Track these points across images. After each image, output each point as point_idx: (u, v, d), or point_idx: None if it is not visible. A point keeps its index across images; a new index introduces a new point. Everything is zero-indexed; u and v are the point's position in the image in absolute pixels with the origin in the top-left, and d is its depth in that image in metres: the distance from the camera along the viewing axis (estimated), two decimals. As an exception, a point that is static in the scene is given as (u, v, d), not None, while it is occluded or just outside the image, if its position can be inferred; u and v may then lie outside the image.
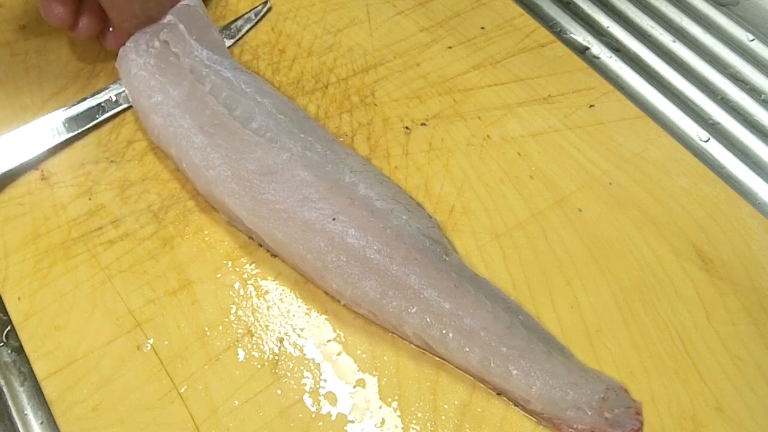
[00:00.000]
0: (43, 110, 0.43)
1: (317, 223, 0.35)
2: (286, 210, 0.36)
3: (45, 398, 0.34)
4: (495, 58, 0.47)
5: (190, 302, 0.36)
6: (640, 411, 0.33)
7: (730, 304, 0.37)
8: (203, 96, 0.39)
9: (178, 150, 0.38)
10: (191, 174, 0.38)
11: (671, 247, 0.39)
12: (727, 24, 0.51)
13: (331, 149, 0.39)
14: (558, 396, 0.32)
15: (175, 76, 0.40)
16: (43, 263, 0.37)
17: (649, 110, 0.46)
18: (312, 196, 0.36)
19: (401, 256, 0.35)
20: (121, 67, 0.42)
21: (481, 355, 0.33)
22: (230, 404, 0.33)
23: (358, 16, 0.49)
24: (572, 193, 0.41)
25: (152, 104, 0.40)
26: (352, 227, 0.35)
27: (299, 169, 0.37)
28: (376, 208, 0.36)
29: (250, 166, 0.37)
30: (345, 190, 0.36)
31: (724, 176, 0.43)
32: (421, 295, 0.34)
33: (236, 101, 0.39)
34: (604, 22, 0.51)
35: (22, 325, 0.35)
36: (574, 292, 0.37)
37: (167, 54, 0.41)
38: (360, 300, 0.34)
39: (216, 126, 0.38)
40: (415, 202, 0.39)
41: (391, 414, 0.33)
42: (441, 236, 0.38)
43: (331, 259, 0.35)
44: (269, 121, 0.39)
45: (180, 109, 0.39)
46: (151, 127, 0.40)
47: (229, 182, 0.36)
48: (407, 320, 0.34)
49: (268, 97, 0.40)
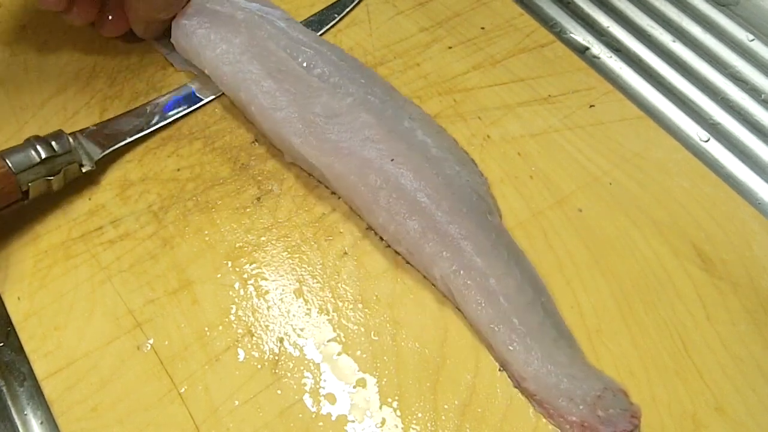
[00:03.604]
0: (43, 110, 0.43)
1: (376, 161, 0.37)
2: (349, 148, 0.38)
3: (45, 398, 0.34)
4: (495, 58, 0.47)
5: (190, 302, 0.36)
6: (637, 415, 0.33)
7: (730, 304, 0.37)
8: (264, 42, 0.41)
9: (247, 94, 0.40)
10: (259, 116, 0.40)
11: (671, 247, 0.39)
12: (727, 24, 0.51)
13: (390, 95, 0.41)
14: (552, 382, 0.33)
15: (234, 26, 0.42)
16: (43, 263, 0.37)
17: (649, 110, 0.46)
18: (373, 137, 0.38)
19: (448, 204, 0.36)
20: (178, 34, 0.43)
21: (492, 318, 0.34)
22: (230, 404, 0.33)
23: (358, 16, 0.49)
24: (572, 193, 0.41)
25: (218, 54, 0.41)
26: (408, 170, 0.37)
27: (362, 112, 0.39)
28: (431, 155, 0.38)
29: (316, 109, 0.39)
30: (403, 134, 0.39)
31: (725, 176, 0.43)
32: (458, 244, 0.35)
33: (296, 50, 0.41)
34: (604, 22, 0.51)
35: (22, 325, 0.35)
36: (574, 292, 0.37)
37: (218, 13, 0.43)
38: (401, 237, 0.36)
39: (283, 72, 0.40)
40: (468, 156, 0.40)
41: (391, 414, 0.33)
42: (487, 194, 0.39)
43: (383, 195, 0.37)
44: (331, 68, 0.41)
45: (246, 56, 0.41)
46: (220, 76, 0.41)
47: (296, 123, 0.39)
48: (438, 263, 0.35)
49: (323, 44, 0.42)
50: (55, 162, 0.37)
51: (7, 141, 0.42)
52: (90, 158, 0.40)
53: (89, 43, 0.47)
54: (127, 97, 0.44)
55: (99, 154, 0.40)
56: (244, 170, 0.41)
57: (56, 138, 0.38)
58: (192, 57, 0.43)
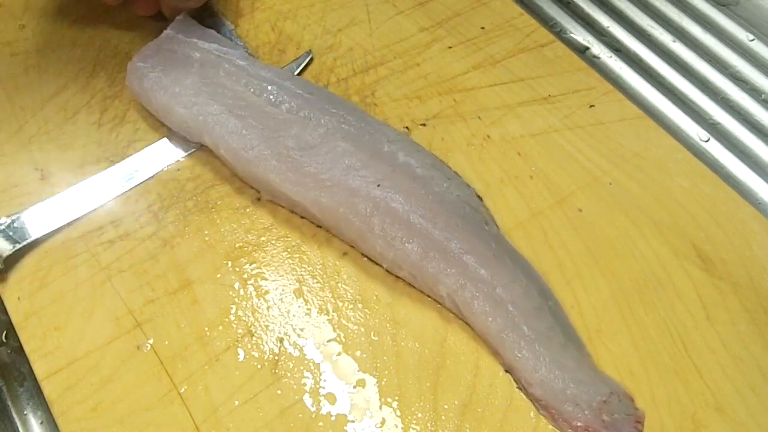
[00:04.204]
0: (43, 110, 0.43)
1: (362, 189, 0.36)
2: (331, 179, 0.37)
3: (45, 398, 0.34)
4: (495, 58, 0.47)
5: (190, 302, 0.36)
6: (641, 420, 0.33)
7: (730, 304, 0.37)
8: (219, 80, 0.40)
9: (212, 137, 0.39)
10: (230, 157, 0.39)
11: (671, 247, 0.39)
12: (727, 24, 0.51)
13: (364, 121, 0.40)
14: (559, 387, 0.33)
15: (186, 67, 0.41)
16: (43, 263, 0.37)
17: (649, 110, 0.46)
18: (355, 165, 0.37)
19: (443, 221, 0.36)
20: (132, 78, 0.42)
21: (501, 327, 0.34)
22: (230, 404, 0.33)
23: (358, 16, 0.49)
24: (572, 193, 0.41)
25: (172, 96, 0.40)
26: (396, 193, 0.36)
27: (339, 140, 0.38)
28: (417, 175, 0.37)
29: (289, 142, 0.38)
30: (385, 158, 0.38)
31: (724, 176, 0.43)
32: (461, 259, 0.35)
33: (259, 87, 0.40)
34: (604, 22, 0.51)
35: (22, 325, 0.35)
36: (574, 292, 0.37)
37: (175, 56, 0.42)
38: (401, 262, 0.36)
39: (245, 108, 0.39)
40: (452, 170, 0.40)
41: (391, 414, 0.33)
42: (480, 205, 0.39)
43: (376, 223, 0.36)
44: (299, 101, 0.40)
45: (202, 97, 0.39)
46: (178, 122, 0.40)
47: (270, 160, 0.37)
48: (443, 281, 0.35)
49: (288, 79, 0.41)
50: None
51: (8, 140, 0.42)
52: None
53: (89, 44, 0.47)
54: (127, 97, 0.44)
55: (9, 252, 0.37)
56: (244, 170, 0.41)
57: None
58: (144, 101, 0.42)
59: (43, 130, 0.42)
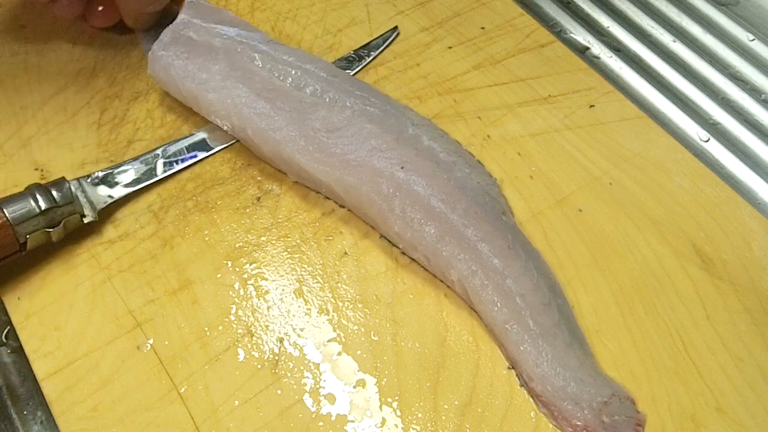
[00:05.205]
0: (43, 110, 0.43)
1: (386, 170, 0.37)
2: (357, 159, 0.37)
3: (45, 398, 0.34)
4: (495, 58, 0.47)
5: (190, 302, 0.36)
6: (642, 423, 0.33)
7: (730, 304, 0.37)
8: (246, 65, 0.40)
9: (240, 119, 0.39)
10: (257, 139, 0.39)
11: (671, 247, 0.39)
12: (727, 24, 0.51)
13: (389, 104, 0.40)
14: (560, 384, 0.33)
15: (212, 54, 0.41)
16: (43, 263, 0.37)
17: (649, 110, 0.46)
18: (380, 147, 0.38)
19: (462, 207, 0.36)
20: (155, 67, 0.42)
21: (506, 318, 0.34)
22: (230, 404, 0.33)
23: (358, 16, 0.49)
24: (572, 193, 0.41)
25: (200, 83, 0.40)
26: (419, 176, 0.37)
27: (365, 122, 0.38)
28: (440, 160, 0.38)
29: (316, 124, 0.38)
30: (410, 141, 0.38)
31: (724, 176, 0.43)
32: (476, 246, 0.35)
33: (283, 72, 0.40)
34: (604, 22, 0.51)
35: (22, 325, 0.35)
36: (574, 292, 0.37)
37: (195, 42, 0.42)
38: (417, 243, 0.36)
39: (272, 91, 0.40)
40: (475, 158, 0.40)
41: (391, 414, 0.33)
42: (499, 195, 0.39)
43: (397, 203, 0.36)
44: (323, 84, 0.40)
45: (230, 81, 0.40)
46: (206, 106, 0.41)
47: (298, 141, 0.38)
48: (456, 266, 0.35)
49: (311, 63, 0.41)
50: (56, 213, 0.36)
51: (8, 140, 0.42)
52: (93, 208, 0.38)
53: (89, 43, 0.47)
54: (127, 97, 0.44)
55: (103, 204, 0.38)
56: (244, 170, 0.41)
57: (57, 186, 0.36)
58: (171, 90, 0.42)
59: (43, 130, 0.42)
